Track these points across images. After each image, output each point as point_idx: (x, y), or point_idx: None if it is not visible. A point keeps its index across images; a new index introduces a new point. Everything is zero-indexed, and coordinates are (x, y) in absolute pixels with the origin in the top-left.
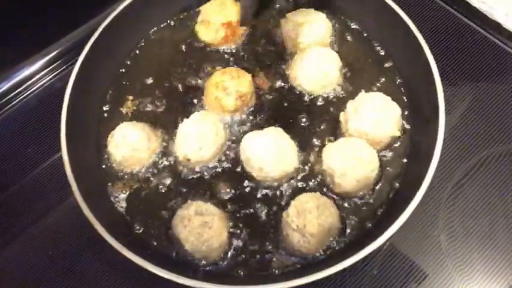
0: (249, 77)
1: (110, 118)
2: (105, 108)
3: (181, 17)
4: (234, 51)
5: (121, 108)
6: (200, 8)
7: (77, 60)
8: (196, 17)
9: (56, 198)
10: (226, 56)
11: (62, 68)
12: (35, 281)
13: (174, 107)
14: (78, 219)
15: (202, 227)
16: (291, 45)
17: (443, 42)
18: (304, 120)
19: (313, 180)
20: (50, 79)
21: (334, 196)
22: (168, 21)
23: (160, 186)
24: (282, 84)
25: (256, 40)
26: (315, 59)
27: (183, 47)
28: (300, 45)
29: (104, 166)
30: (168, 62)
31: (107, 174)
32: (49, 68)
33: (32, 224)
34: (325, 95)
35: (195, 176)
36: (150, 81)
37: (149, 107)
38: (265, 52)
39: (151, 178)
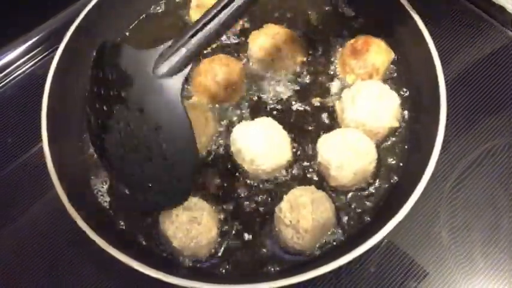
0: (240, 64)
1: None
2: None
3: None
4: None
5: None
6: None
7: (58, 46)
8: (189, 2)
9: (36, 192)
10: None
11: (43, 55)
12: (11, 283)
13: None
14: (59, 214)
15: (190, 222)
16: None
17: (445, 26)
18: (297, 110)
19: (307, 173)
20: (31, 66)
21: (330, 190)
22: (159, 6)
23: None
24: None
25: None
26: None
27: (174, 35)
28: None
29: (87, 158)
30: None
31: (90, 167)
32: (29, 55)
33: (9, 220)
34: None
35: None
36: None
37: None
38: None
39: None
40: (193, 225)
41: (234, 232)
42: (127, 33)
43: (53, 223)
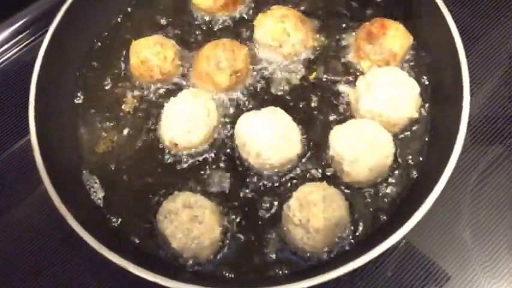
0: (245, 50)
1: (85, 97)
2: (80, 85)
3: None
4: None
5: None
6: None
7: (47, 30)
8: None
9: (24, 188)
10: (225, 24)
11: (31, 39)
12: None
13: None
14: (48, 212)
15: (191, 221)
16: None
17: (468, 7)
18: (308, 99)
19: (318, 168)
20: (17, 52)
21: (343, 186)
22: None
23: (143, 175)
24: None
25: None
26: None
27: (171, 17)
28: None
29: (78, 151)
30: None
31: (81, 160)
32: (15, 40)
33: None
34: None
35: (183, 164)
36: None
37: None
38: None
39: (133, 166)
40: (194, 224)
41: (238, 232)
42: (129, 9)
43: (41, 221)
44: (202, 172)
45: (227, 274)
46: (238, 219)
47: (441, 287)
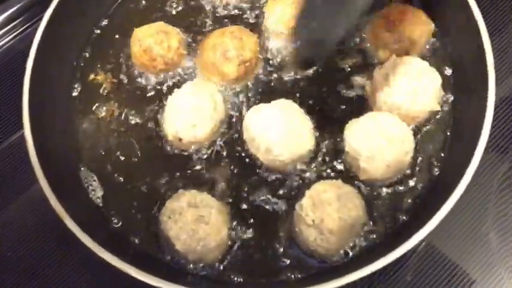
0: (254, 37)
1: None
2: (77, 76)
3: None
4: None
5: (96, 76)
6: None
7: (42, 16)
8: None
9: (17, 186)
10: (234, 11)
11: (25, 27)
12: None
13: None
14: (44, 212)
15: (196, 222)
16: None
17: None
18: (321, 91)
19: (332, 165)
20: (10, 40)
21: (359, 184)
22: None
23: (145, 173)
24: None
25: None
26: None
27: (176, 2)
28: None
29: (75, 147)
30: (155, 21)
31: (79, 157)
32: (8, 27)
33: None
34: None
35: (188, 160)
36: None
37: None
38: None
39: (134, 163)
40: (200, 225)
41: (247, 233)
42: None
43: (36, 222)
44: (208, 169)
45: (235, 278)
46: (246, 220)
47: None
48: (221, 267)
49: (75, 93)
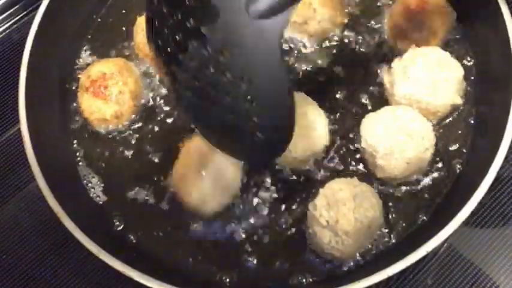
0: None
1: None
2: (75, 67)
3: None
4: None
5: None
6: None
7: (39, 5)
8: None
9: (13, 185)
10: None
11: (21, 16)
12: None
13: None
14: (41, 211)
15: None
16: None
17: None
18: (337, 83)
19: (348, 162)
20: (6, 29)
21: (376, 183)
22: None
23: (148, 171)
24: None
25: None
26: None
27: None
28: None
29: (75, 142)
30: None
31: (79, 153)
32: (4, 15)
33: None
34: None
35: None
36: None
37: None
38: None
39: (136, 161)
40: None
41: (257, 234)
42: None
43: (33, 222)
44: None
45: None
46: (256, 220)
47: None
48: (232, 271)
49: (73, 87)
